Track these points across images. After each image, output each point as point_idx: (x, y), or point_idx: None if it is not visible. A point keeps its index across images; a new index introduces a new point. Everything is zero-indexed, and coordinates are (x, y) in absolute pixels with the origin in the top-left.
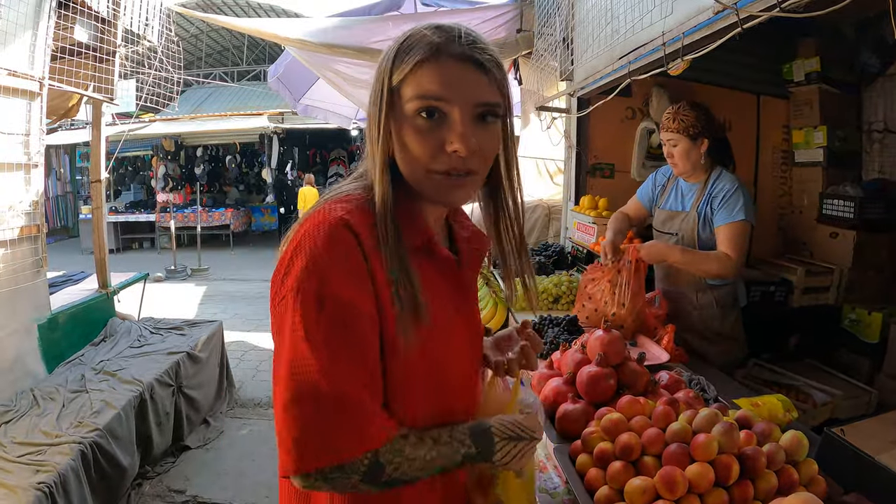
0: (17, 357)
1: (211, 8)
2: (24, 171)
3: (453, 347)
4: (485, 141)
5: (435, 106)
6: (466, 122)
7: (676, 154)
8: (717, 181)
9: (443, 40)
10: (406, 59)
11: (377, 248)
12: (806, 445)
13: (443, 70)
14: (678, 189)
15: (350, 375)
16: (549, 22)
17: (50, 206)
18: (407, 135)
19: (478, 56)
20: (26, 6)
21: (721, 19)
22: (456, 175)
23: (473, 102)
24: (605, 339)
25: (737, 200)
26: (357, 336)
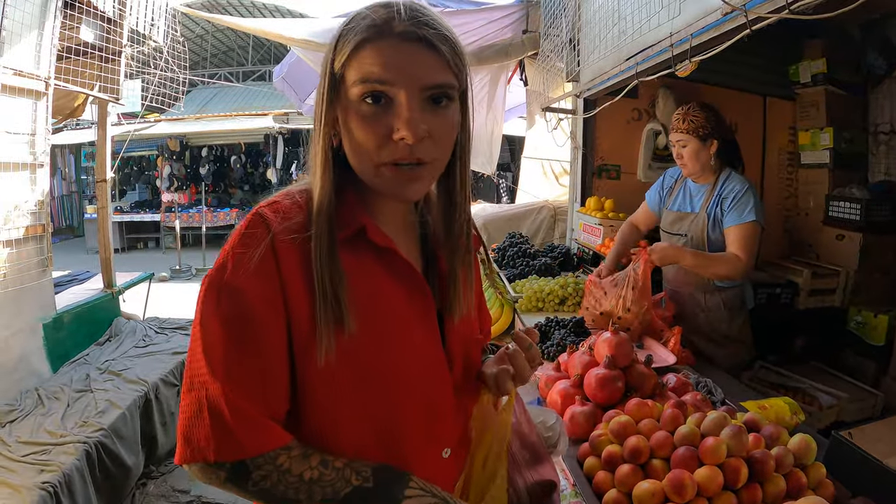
0: (22, 356)
1: (216, 8)
2: (29, 171)
3: (404, 357)
4: (437, 126)
5: (379, 90)
6: (414, 106)
7: (686, 155)
8: (727, 182)
9: (383, 18)
10: (347, 41)
11: (294, 244)
12: (814, 449)
13: (385, 50)
14: (686, 190)
15: (234, 377)
16: (555, 23)
17: (55, 206)
18: (352, 123)
19: (423, 32)
20: (32, 6)
21: (729, 20)
22: (406, 166)
23: (421, 84)
24: (613, 342)
25: (747, 202)
26: (253, 334)
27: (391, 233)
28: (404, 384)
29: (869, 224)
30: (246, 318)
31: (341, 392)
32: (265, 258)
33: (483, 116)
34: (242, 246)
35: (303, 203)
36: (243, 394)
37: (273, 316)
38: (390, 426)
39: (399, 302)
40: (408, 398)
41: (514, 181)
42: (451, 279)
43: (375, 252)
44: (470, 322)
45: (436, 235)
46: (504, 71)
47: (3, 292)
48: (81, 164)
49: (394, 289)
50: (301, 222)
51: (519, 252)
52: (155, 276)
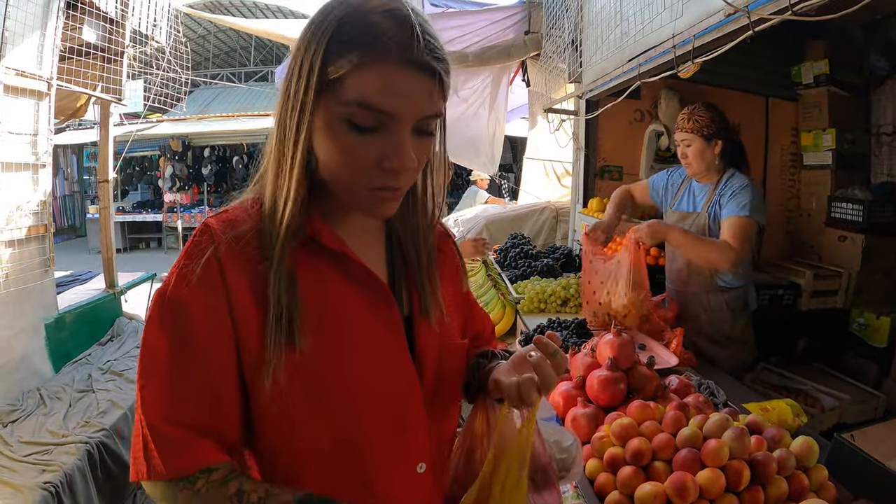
0: (24, 356)
1: (219, 9)
2: (31, 171)
3: (364, 369)
4: (421, 154)
5: (379, 119)
6: (408, 137)
7: (690, 154)
8: (729, 181)
9: (400, 40)
10: (349, 50)
11: (242, 255)
12: (816, 451)
13: (396, 78)
14: (691, 190)
15: (172, 397)
16: (557, 24)
17: (57, 206)
18: (336, 139)
19: (437, 65)
20: (35, 6)
21: (732, 22)
22: (386, 190)
23: (419, 116)
24: (615, 343)
25: (744, 196)
26: (196, 350)
27: (350, 235)
28: (366, 397)
29: (871, 225)
30: (189, 332)
31: (293, 408)
32: (209, 269)
33: (485, 117)
34: (187, 257)
35: (254, 213)
36: (177, 414)
37: (218, 329)
38: (352, 442)
39: (359, 310)
40: (370, 412)
41: (516, 182)
42: (418, 284)
43: (331, 257)
44: (446, 328)
45: (401, 239)
46: (506, 72)
47: (6, 292)
48: (84, 164)
49: (354, 297)
50: (250, 232)
51: (521, 253)
52: (157, 276)
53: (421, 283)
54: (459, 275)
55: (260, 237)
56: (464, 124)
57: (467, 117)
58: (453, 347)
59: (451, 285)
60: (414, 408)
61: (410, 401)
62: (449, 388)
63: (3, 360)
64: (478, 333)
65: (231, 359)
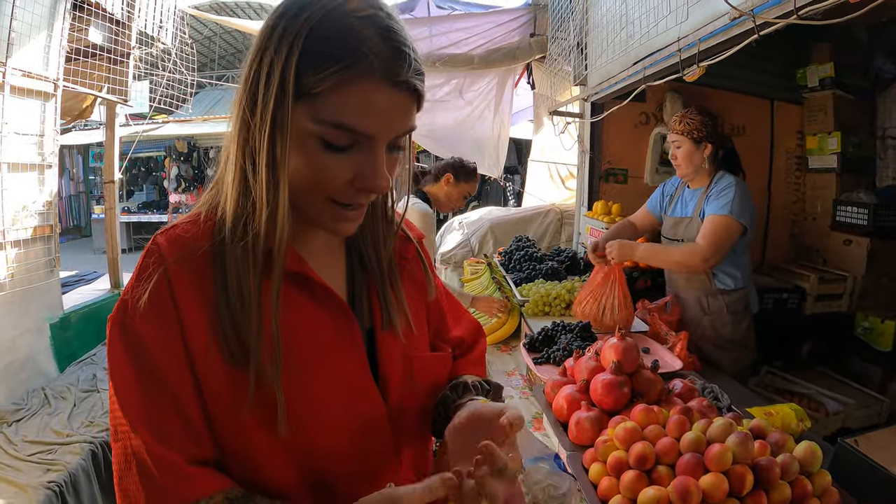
0: (29, 356)
1: (224, 10)
2: (37, 172)
3: (318, 389)
4: (391, 169)
5: (354, 139)
6: (382, 154)
7: (680, 155)
8: (717, 182)
9: (383, 56)
10: (328, 61)
11: (193, 273)
12: (820, 456)
13: (377, 98)
14: (683, 196)
15: (152, 424)
16: (562, 26)
17: (62, 206)
18: (306, 156)
19: (419, 87)
20: (41, 8)
21: (737, 25)
22: (353, 208)
23: (396, 134)
24: (620, 347)
25: (727, 196)
26: (160, 378)
27: (308, 247)
28: (324, 417)
29: (876, 229)
30: (150, 363)
31: (251, 432)
32: (158, 293)
33: (490, 120)
34: (137, 280)
35: (207, 228)
36: (163, 441)
37: (174, 360)
38: (314, 463)
39: (320, 329)
40: (329, 432)
41: (521, 184)
42: (380, 294)
43: (288, 277)
44: (414, 340)
45: (361, 249)
46: (511, 74)
47: (11, 292)
48: (89, 165)
49: (313, 315)
50: (202, 249)
51: (526, 256)
52: None
53: (383, 294)
54: (424, 282)
55: (213, 253)
56: (469, 126)
57: (472, 119)
58: (425, 360)
59: (417, 294)
60: (377, 425)
61: (372, 419)
62: (423, 404)
63: (8, 359)
64: (460, 339)
65: (191, 388)
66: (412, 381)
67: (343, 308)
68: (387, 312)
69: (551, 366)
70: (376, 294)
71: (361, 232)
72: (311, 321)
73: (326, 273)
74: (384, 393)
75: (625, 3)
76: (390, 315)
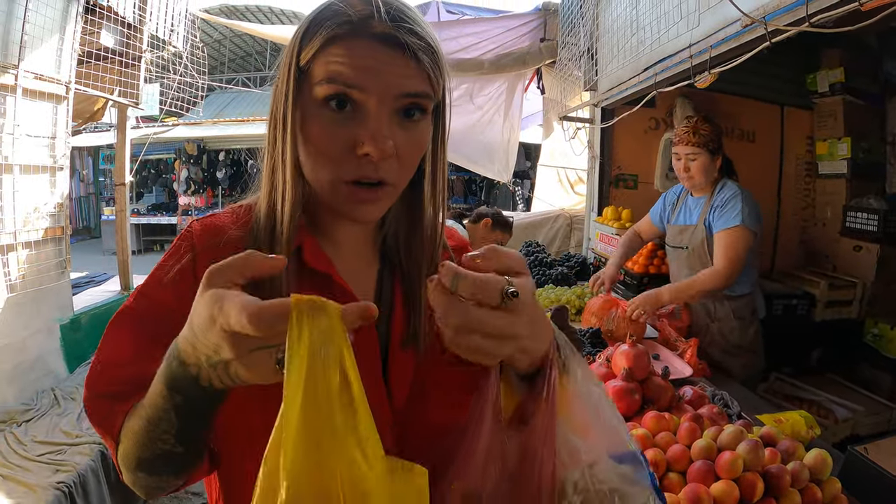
0: (40, 356)
1: (235, 14)
2: (49, 174)
3: None
4: (405, 143)
5: (346, 94)
6: (383, 117)
7: (695, 168)
8: (721, 191)
9: (361, 14)
10: (318, 33)
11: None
12: (830, 464)
13: (358, 50)
14: (687, 204)
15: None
16: (573, 32)
17: (72, 207)
18: (311, 128)
19: (404, 37)
20: (53, 11)
21: (748, 32)
22: (365, 185)
23: (395, 93)
24: (631, 354)
25: (735, 206)
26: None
27: (339, 252)
28: None
29: (886, 235)
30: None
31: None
32: (183, 276)
33: (500, 124)
34: (166, 259)
35: (245, 220)
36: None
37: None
38: None
39: None
40: None
41: (531, 189)
42: (406, 304)
43: (314, 275)
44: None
45: (396, 258)
46: (521, 79)
47: (22, 293)
48: (99, 166)
49: None
50: (235, 240)
51: (535, 261)
52: None
53: (413, 307)
54: None
55: (245, 242)
56: (478, 131)
57: (482, 124)
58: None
59: None
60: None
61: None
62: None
63: (18, 359)
64: None
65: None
66: (421, 414)
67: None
68: (413, 328)
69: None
70: (403, 312)
71: (405, 243)
72: None
73: (354, 280)
74: (390, 402)
75: (636, 8)
76: (411, 328)
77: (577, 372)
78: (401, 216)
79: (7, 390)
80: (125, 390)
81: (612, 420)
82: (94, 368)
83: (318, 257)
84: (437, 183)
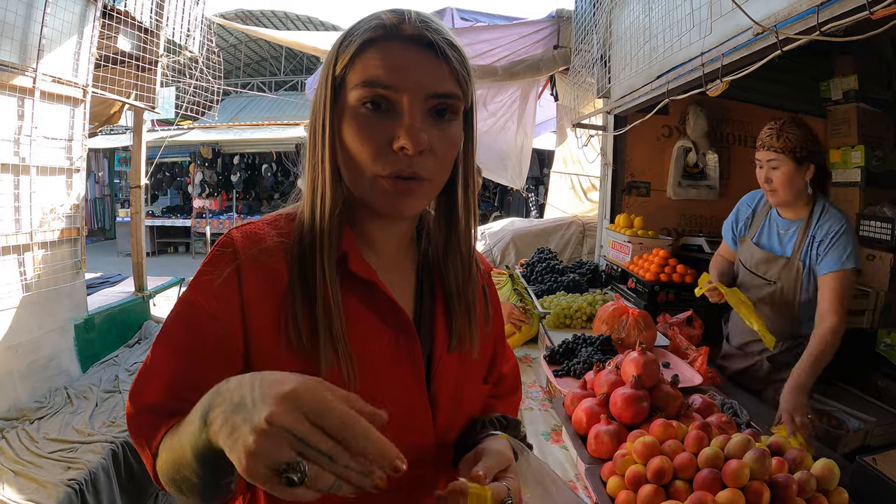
0: (53, 355)
1: (250, 19)
2: (65, 176)
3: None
4: (439, 140)
5: (381, 94)
6: (417, 114)
7: (777, 178)
8: (822, 218)
9: (392, 21)
10: (352, 42)
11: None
12: (837, 474)
13: (391, 52)
14: (772, 224)
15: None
16: (586, 39)
17: (88, 209)
18: (348, 130)
19: (432, 37)
20: (71, 15)
21: (760, 40)
22: (403, 179)
23: (426, 92)
24: (640, 361)
25: (846, 243)
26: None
27: (380, 261)
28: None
29: None
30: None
31: None
32: (230, 277)
33: (513, 131)
34: (209, 265)
35: (287, 229)
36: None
37: (227, 335)
38: None
39: (379, 340)
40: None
41: (544, 195)
42: (454, 320)
43: (357, 281)
44: (471, 365)
45: (435, 266)
46: (535, 85)
47: (37, 293)
48: (115, 169)
49: (374, 326)
50: (276, 248)
51: (547, 268)
52: (185, 281)
53: (454, 318)
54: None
55: (287, 253)
56: (491, 138)
57: (495, 131)
58: (477, 388)
59: (493, 320)
60: (424, 446)
61: (421, 438)
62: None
63: (31, 358)
64: (501, 376)
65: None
66: (459, 406)
67: (406, 324)
68: (454, 339)
69: (571, 378)
70: (444, 318)
71: (444, 253)
72: (370, 330)
73: (395, 287)
74: (433, 414)
75: (648, 16)
76: (458, 341)
77: (532, 461)
78: (438, 219)
79: (20, 388)
80: (169, 405)
81: (564, 488)
82: (138, 381)
83: (361, 264)
84: (469, 187)
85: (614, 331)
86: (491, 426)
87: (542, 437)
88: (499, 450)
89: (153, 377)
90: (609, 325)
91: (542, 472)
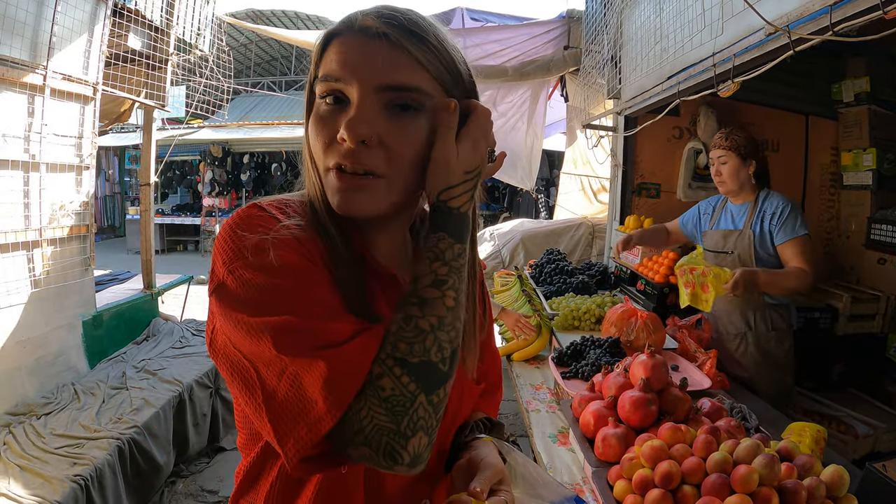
0: (61, 351)
1: (261, 19)
2: (75, 173)
3: None
4: (393, 134)
5: (334, 88)
6: (365, 106)
7: (725, 171)
8: (768, 199)
9: (355, 15)
10: (321, 40)
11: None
12: (847, 480)
13: (344, 45)
14: (727, 212)
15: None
16: (596, 39)
17: (98, 206)
18: (311, 125)
19: (385, 28)
20: (82, 14)
21: (772, 41)
22: (350, 173)
23: (376, 84)
24: (649, 364)
25: (795, 216)
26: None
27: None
28: None
29: None
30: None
31: None
32: (288, 239)
33: (523, 132)
34: (252, 228)
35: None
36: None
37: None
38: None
39: None
40: None
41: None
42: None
43: (378, 274)
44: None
45: None
46: (545, 86)
47: (46, 289)
48: (125, 166)
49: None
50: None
51: (556, 269)
52: (194, 279)
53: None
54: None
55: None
56: (501, 138)
57: (505, 131)
58: (472, 392)
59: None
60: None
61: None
62: (494, 381)
63: (40, 353)
64: (484, 372)
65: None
66: (459, 416)
67: None
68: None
69: (579, 380)
70: None
71: None
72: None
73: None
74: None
75: (659, 17)
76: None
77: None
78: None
79: (28, 383)
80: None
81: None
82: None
83: (381, 264)
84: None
85: (623, 333)
86: (476, 429)
87: (549, 439)
88: (493, 462)
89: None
90: (618, 327)
91: (527, 469)
